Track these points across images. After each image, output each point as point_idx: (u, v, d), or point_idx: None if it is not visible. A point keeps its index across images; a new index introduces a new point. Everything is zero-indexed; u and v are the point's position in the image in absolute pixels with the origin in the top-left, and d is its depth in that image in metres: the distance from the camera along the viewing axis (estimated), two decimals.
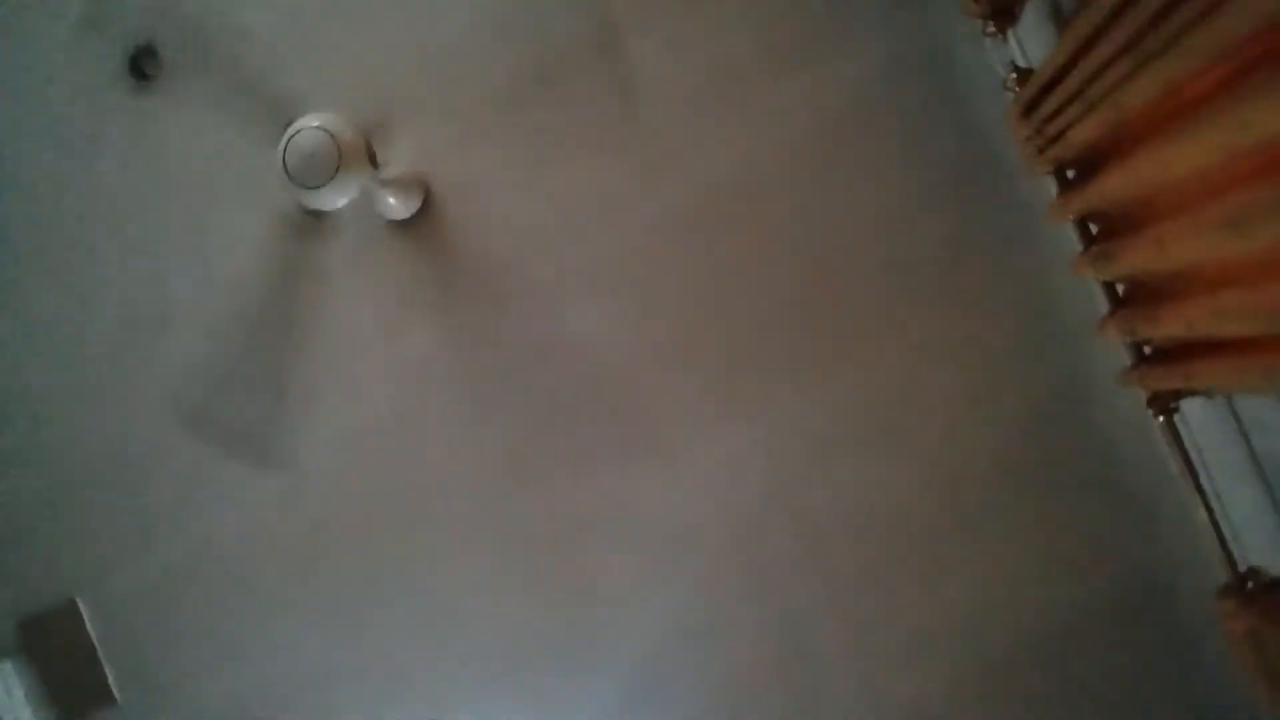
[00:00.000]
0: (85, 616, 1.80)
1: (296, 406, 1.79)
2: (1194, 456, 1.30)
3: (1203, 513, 1.26)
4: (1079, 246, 1.35)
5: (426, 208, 1.78)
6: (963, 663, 1.70)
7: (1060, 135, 1.20)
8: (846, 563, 1.72)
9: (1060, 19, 1.31)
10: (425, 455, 1.78)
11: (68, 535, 1.81)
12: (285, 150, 1.42)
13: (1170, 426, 1.26)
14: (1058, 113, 1.19)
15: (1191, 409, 1.36)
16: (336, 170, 1.45)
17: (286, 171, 1.42)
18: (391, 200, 1.71)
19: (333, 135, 1.46)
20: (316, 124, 1.45)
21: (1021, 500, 1.68)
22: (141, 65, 1.74)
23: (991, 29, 1.38)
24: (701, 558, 1.74)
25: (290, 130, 1.43)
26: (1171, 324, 1.09)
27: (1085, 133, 1.12)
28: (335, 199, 1.49)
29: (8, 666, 1.78)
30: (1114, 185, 1.11)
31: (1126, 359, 1.32)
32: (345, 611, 1.79)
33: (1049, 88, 1.21)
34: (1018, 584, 1.69)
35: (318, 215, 1.55)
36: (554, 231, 1.76)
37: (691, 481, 1.75)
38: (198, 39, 1.74)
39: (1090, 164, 1.22)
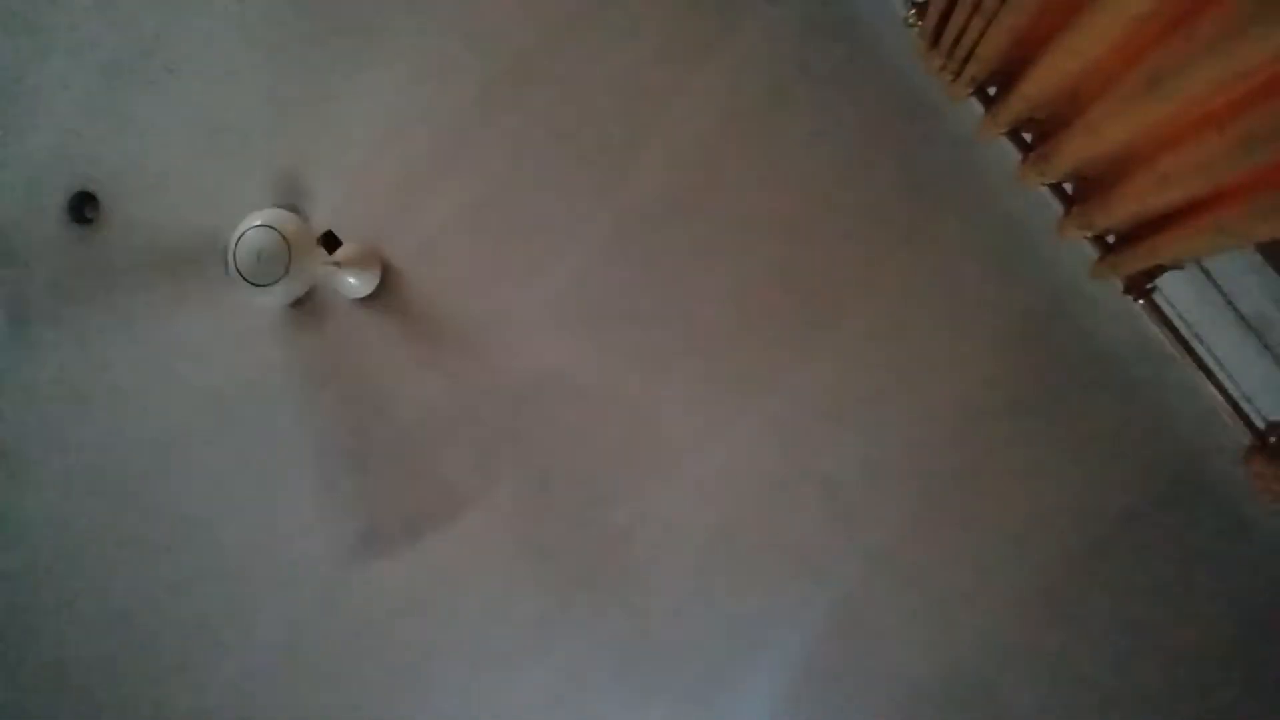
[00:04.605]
0: None
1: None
2: (1184, 331, 1.30)
3: (1208, 384, 1.25)
4: (1019, 158, 1.36)
5: (386, 279, 1.79)
6: (1019, 593, 1.68)
7: (970, 54, 1.22)
8: (881, 522, 1.71)
9: None
10: (452, 523, 1.79)
11: None
12: (235, 254, 1.43)
13: (1153, 307, 1.26)
14: (962, 34, 1.21)
15: (1172, 288, 1.36)
16: (289, 264, 1.47)
17: (240, 274, 1.43)
18: (351, 280, 1.73)
19: (278, 230, 1.47)
20: (260, 222, 1.47)
21: (1032, 420, 1.67)
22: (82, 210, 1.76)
23: None
24: (739, 552, 1.74)
25: (236, 233, 1.45)
26: (1124, 205, 1.09)
27: (993, 44, 1.14)
28: (292, 292, 1.50)
29: None
30: (1034, 85, 1.12)
31: (1094, 254, 1.33)
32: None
33: (947, 13, 1.23)
34: (1051, 505, 1.68)
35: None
36: (513, 268, 1.78)
37: (710, 479, 1.75)
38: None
39: (1007, 75, 1.23)
